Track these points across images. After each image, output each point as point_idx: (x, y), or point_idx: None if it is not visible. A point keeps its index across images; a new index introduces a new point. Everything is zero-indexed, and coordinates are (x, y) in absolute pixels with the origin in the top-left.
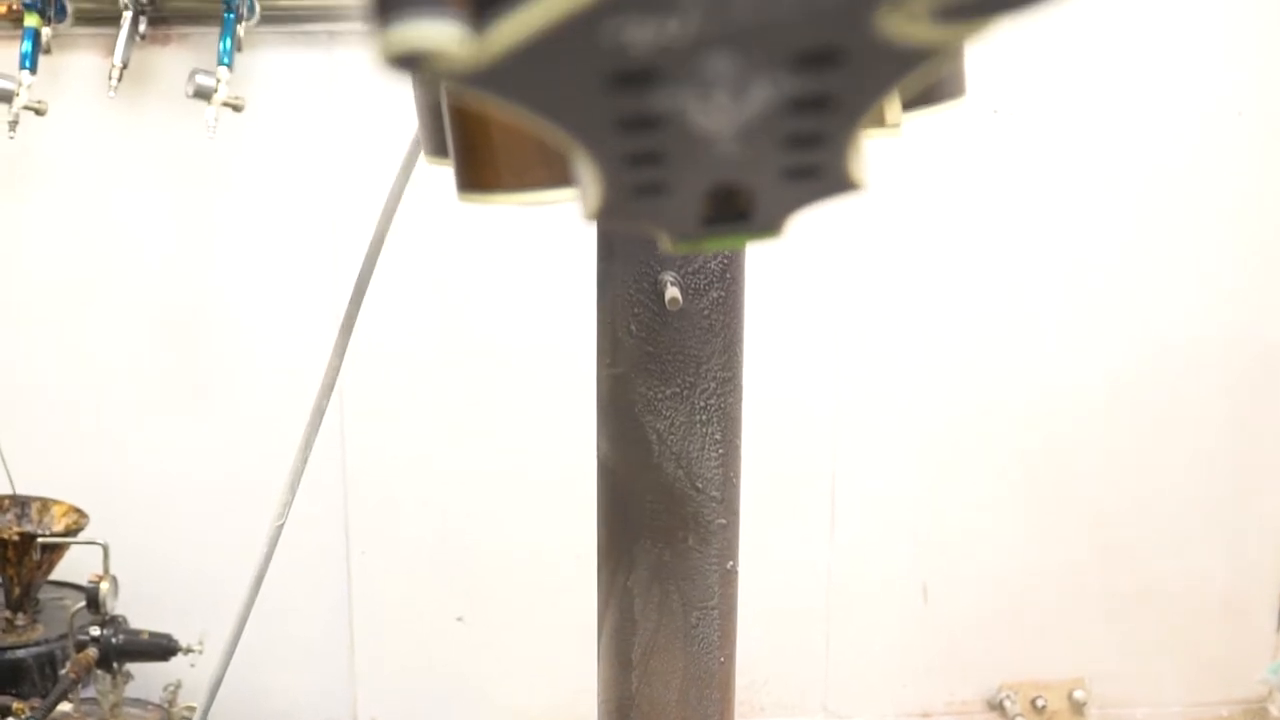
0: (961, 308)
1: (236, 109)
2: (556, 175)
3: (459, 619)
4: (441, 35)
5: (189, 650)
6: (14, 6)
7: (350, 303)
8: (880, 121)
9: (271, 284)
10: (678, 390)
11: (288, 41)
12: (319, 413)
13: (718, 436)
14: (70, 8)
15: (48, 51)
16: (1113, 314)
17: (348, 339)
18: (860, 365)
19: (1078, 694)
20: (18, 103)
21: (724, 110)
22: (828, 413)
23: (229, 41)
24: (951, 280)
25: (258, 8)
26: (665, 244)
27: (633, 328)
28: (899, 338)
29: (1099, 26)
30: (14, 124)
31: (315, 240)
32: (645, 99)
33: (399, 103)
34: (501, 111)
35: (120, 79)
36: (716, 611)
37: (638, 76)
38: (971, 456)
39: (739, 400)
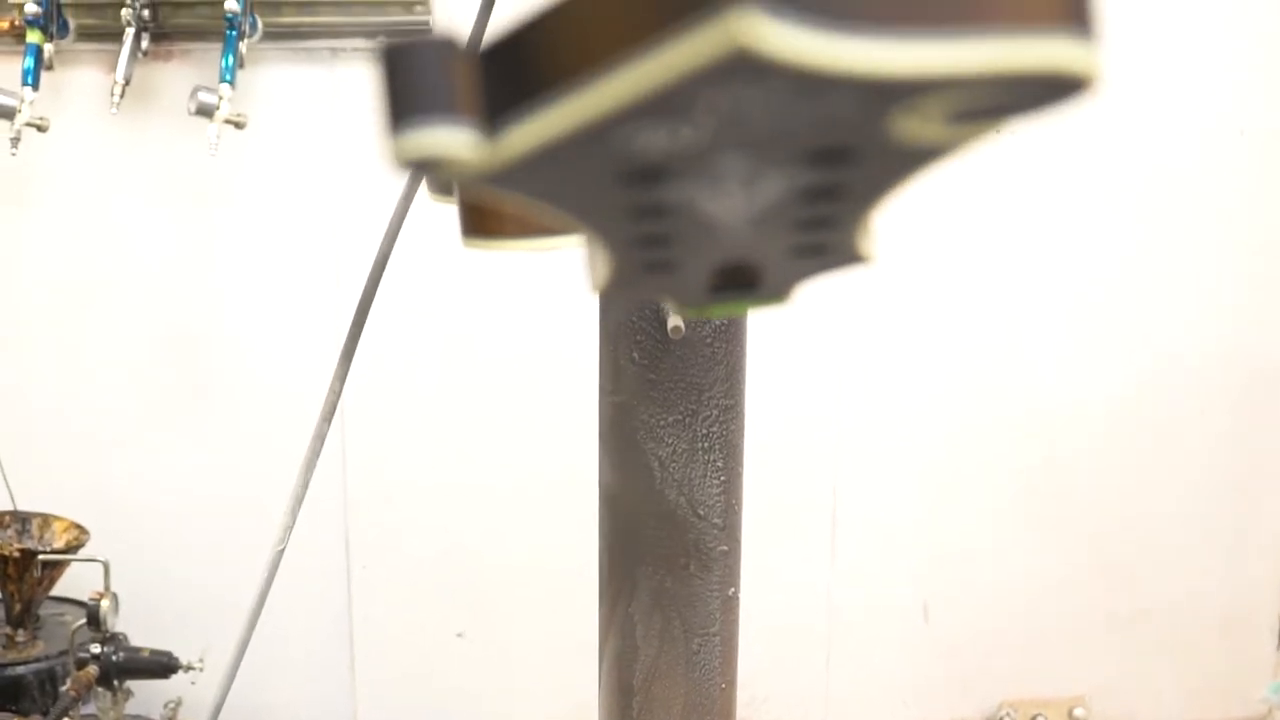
0: (961, 327)
1: (239, 126)
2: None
3: (459, 634)
4: (454, 142)
5: (189, 668)
6: (16, 22)
7: (350, 330)
8: None
9: (273, 300)
10: (679, 418)
11: (290, 58)
12: (319, 439)
13: (719, 464)
14: (73, 24)
15: (50, 68)
16: (1113, 332)
17: (348, 366)
18: (861, 385)
19: (1078, 711)
20: (20, 119)
21: (735, 200)
22: (829, 432)
23: (231, 59)
24: (951, 299)
25: (260, 24)
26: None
27: (635, 355)
28: (899, 358)
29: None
30: (16, 140)
31: (317, 256)
32: (656, 192)
33: None
34: (511, 202)
35: (122, 95)
36: (718, 638)
37: (649, 173)
38: (971, 476)
39: (741, 428)
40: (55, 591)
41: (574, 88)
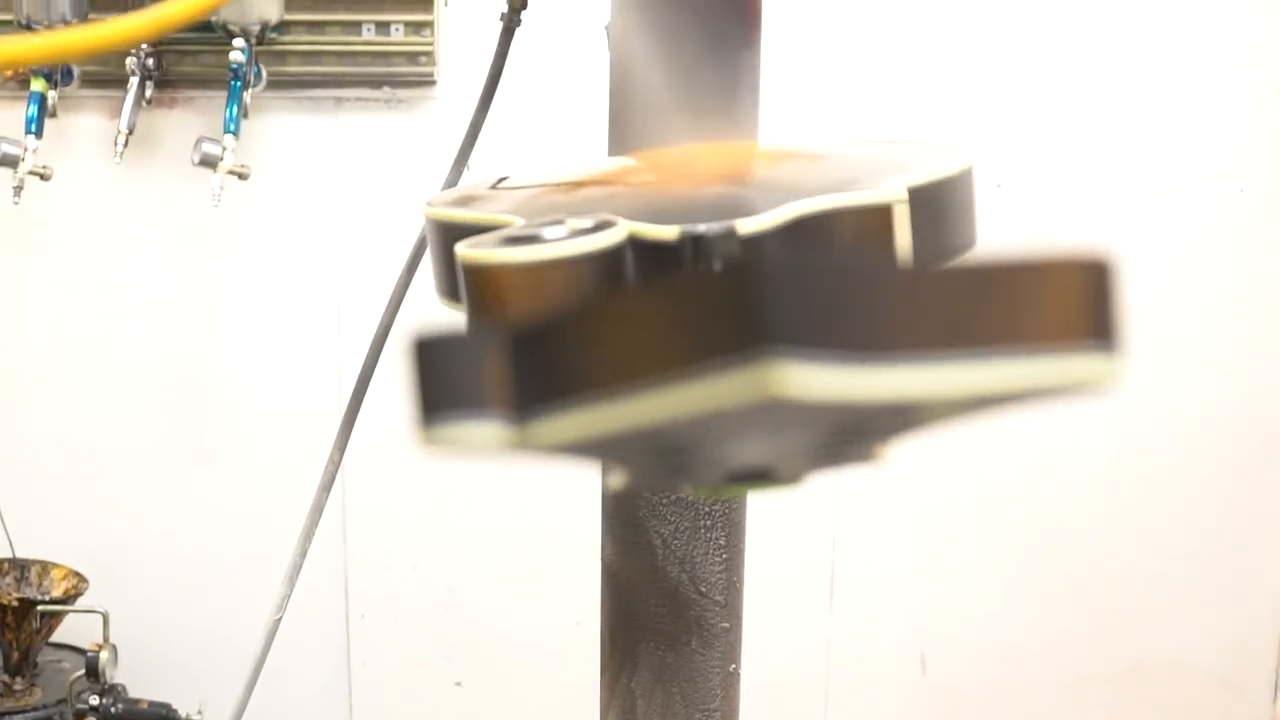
0: None
1: (242, 177)
2: None
3: (457, 684)
4: (482, 435)
5: (188, 719)
6: (21, 69)
7: (350, 401)
8: None
9: (275, 349)
10: (682, 495)
11: (293, 107)
12: (318, 509)
13: (722, 541)
14: (77, 70)
15: (53, 115)
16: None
17: (348, 435)
18: None
19: None
20: (23, 168)
21: (754, 446)
22: (827, 483)
23: (235, 109)
24: None
25: (264, 74)
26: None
27: None
28: None
29: (1101, 100)
30: (19, 189)
31: (319, 304)
32: (681, 454)
33: (404, 171)
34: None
35: (126, 145)
36: (719, 714)
37: (676, 446)
38: (971, 529)
39: (743, 505)
40: (54, 638)
41: (606, 397)
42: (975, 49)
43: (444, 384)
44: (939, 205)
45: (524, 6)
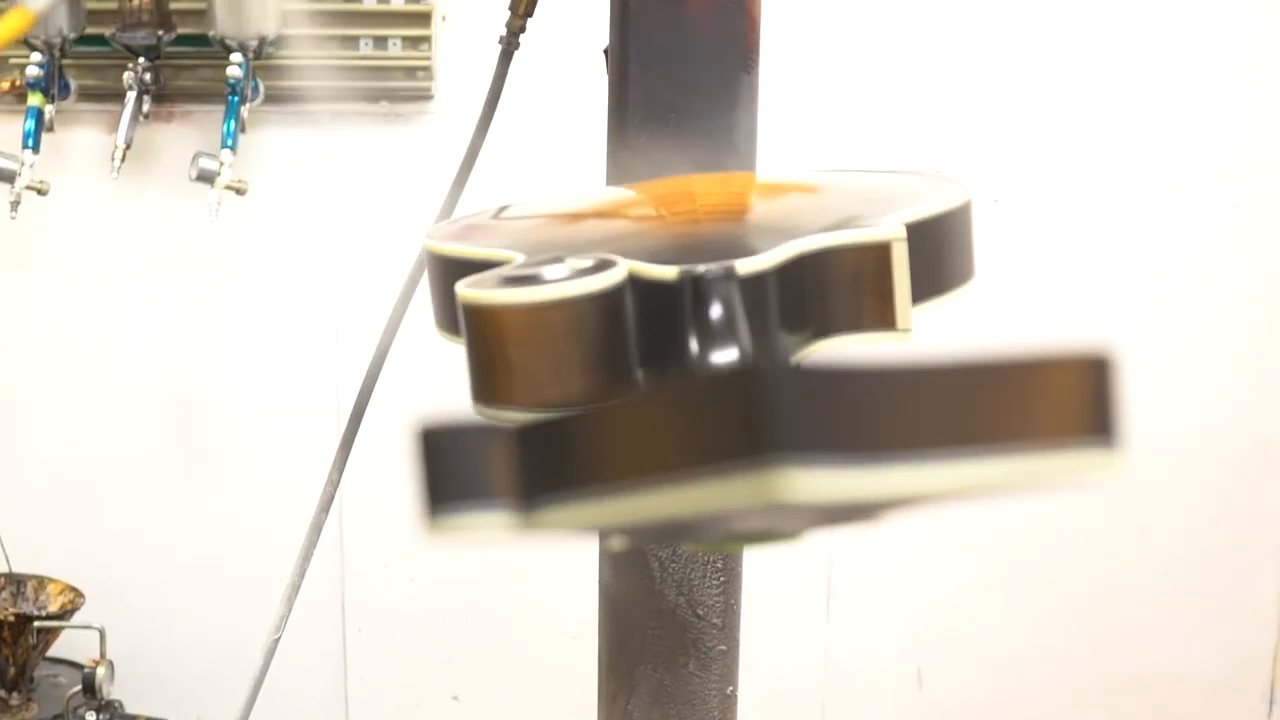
0: None
1: (239, 192)
2: (573, 393)
3: (455, 697)
4: (489, 524)
5: None
6: (18, 83)
7: (350, 420)
8: (891, 326)
9: (273, 364)
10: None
11: (291, 121)
12: (316, 529)
13: (719, 565)
14: (74, 84)
15: (50, 129)
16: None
17: (346, 455)
18: None
19: None
20: (20, 182)
21: (759, 517)
22: None
23: (233, 124)
24: None
25: (262, 88)
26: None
27: None
28: None
29: (1096, 116)
30: (15, 204)
31: (316, 319)
32: (683, 532)
33: (402, 184)
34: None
35: (123, 160)
36: None
37: (678, 528)
38: (967, 542)
39: None
40: (50, 653)
41: (610, 492)
42: (972, 62)
43: (450, 475)
44: (937, 240)
45: (522, 30)
